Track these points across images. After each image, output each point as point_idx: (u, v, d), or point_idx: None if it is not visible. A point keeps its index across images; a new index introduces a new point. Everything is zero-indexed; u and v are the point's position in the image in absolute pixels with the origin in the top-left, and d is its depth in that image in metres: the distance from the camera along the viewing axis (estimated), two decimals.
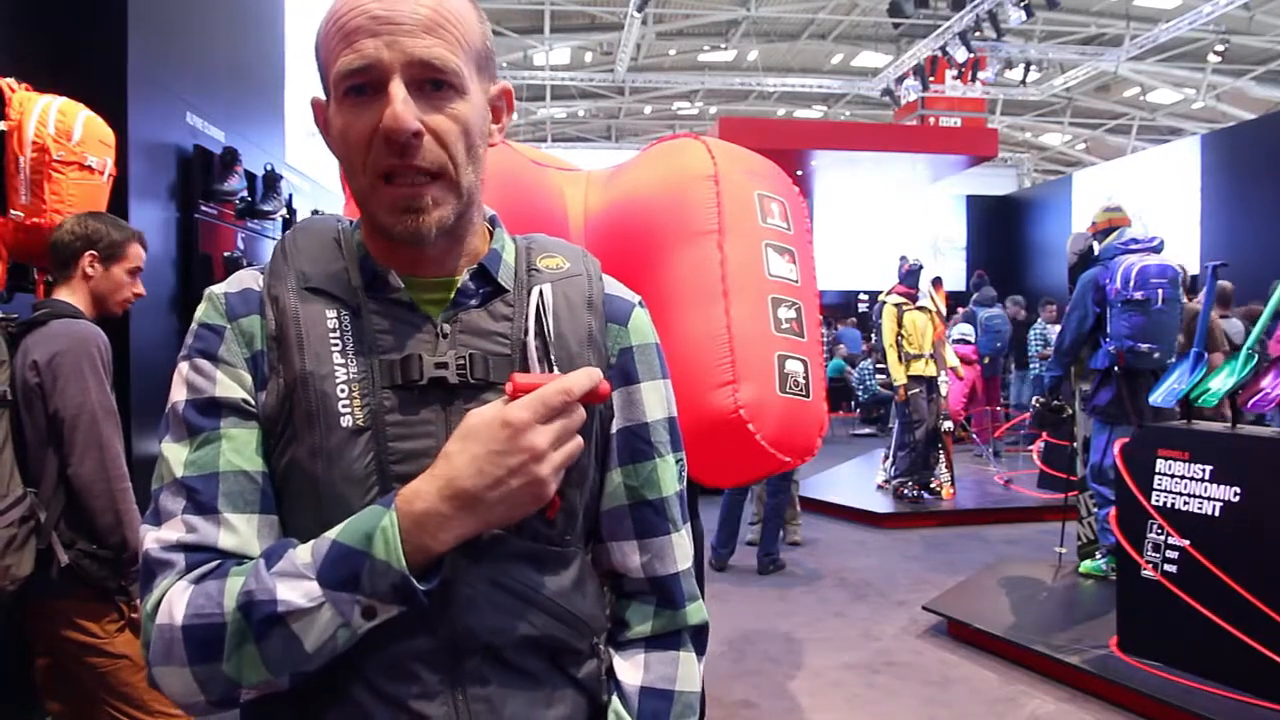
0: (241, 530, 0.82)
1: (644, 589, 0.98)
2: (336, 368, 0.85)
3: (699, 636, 1.01)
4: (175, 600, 0.78)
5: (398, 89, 0.82)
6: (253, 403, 0.86)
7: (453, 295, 0.91)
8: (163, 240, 3.70)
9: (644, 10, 13.22)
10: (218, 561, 0.81)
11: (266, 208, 4.50)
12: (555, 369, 0.88)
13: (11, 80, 2.60)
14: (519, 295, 0.92)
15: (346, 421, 0.84)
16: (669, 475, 0.99)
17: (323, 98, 0.90)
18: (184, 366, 0.88)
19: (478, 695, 0.86)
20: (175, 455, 0.84)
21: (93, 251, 2.35)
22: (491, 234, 0.97)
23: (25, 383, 2.15)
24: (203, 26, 4.26)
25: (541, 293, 0.91)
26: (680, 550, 0.99)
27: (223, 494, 0.82)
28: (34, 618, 2.27)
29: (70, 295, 2.34)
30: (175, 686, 0.78)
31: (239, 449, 0.84)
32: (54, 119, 2.60)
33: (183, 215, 3.97)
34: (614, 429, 0.97)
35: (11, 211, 2.60)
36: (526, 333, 0.90)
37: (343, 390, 0.85)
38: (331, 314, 0.87)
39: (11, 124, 2.57)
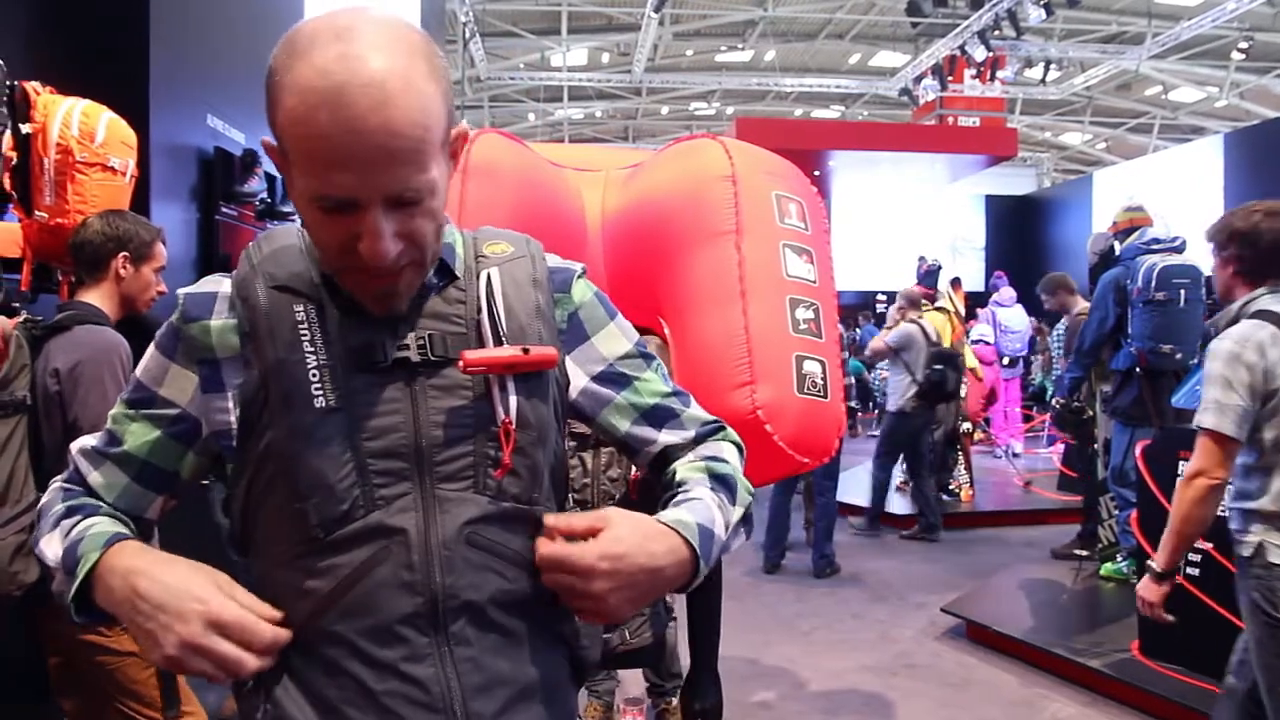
0: (106, 481, 1.00)
1: (690, 442, 1.11)
2: (307, 355, 0.91)
3: (741, 453, 1.14)
4: (48, 491, 1.02)
5: (378, 220, 0.84)
6: (178, 409, 0.97)
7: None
8: (184, 241, 3.74)
9: (661, 11, 13.22)
10: (81, 489, 1.01)
11: (286, 209, 4.53)
12: (505, 342, 0.96)
13: (36, 84, 2.63)
14: (469, 280, 1.00)
15: (320, 403, 0.90)
16: (657, 383, 1.11)
17: (273, 141, 0.89)
18: (151, 350, 1.00)
19: (464, 655, 0.91)
20: (115, 408, 1.02)
21: (125, 253, 2.36)
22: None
23: (45, 389, 2.15)
24: (223, 30, 4.30)
25: (489, 276, 1.00)
26: (697, 417, 1.13)
27: (112, 453, 1.00)
28: (45, 618, 2.28)
29: (99, 297, 2.35)
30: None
31: (136, 434, 0.99)
32: (77, 121, 2.63)
33: (203, 216, 4.01)
34: (595, 375, 1.07)
35: (36, 213, 2.63)
36: (480, 311, 0.98)
37: (314, 375, 0.91)
38: (299, 308, 0.93)
39: (36, 126, 2.60)
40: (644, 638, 2.02)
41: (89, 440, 1.03)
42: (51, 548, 0.94)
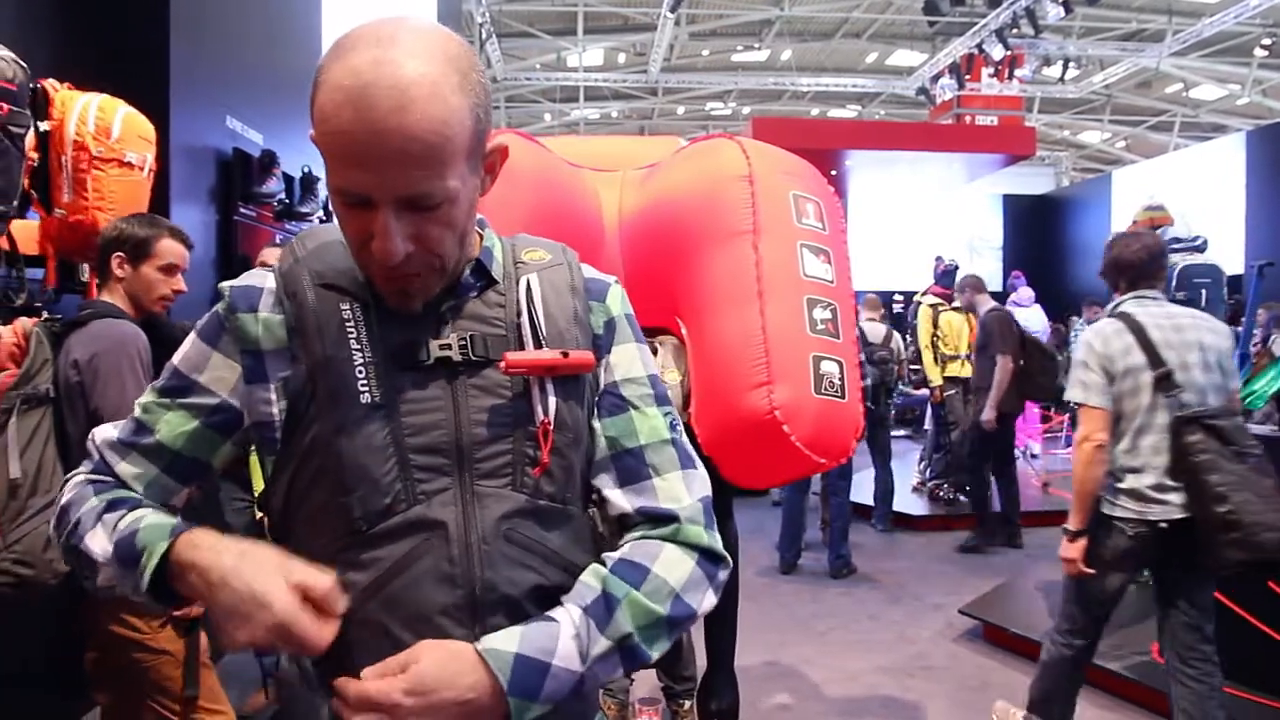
0: (136, 471, 1.01)
1: (641, 521, 1.02)
2: (354, 352, 0.94)
3: (706, 556, 1.01)
4: (70, 484, 1.03)
5: (388, 220, 0.87)
6: (219, 398, 0.99)
7: (455, 288, 1.00)
8: (203, 241, 3.77)
9: (677, 11, 13.21)
10: (112, 477, 1.01)
11: (304, 209, 4.56)
12: (545, 345, 0.99)
13: (54, 81, 2.65)
14: (509, 285, 1.03)
15: (366, 399, 0.93)
16: (647, 426, 1.05)
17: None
18: (191, 338, 1.02)
19: None
20: (145, 397, 1.03)
21: (119, 253, 2.35)
22: (481, 235, 1.05)
23: (67, 381, 2.18)
24: (242, 31, 4.32)
25: (529, 281, 1.02)
26: (666, 494, 1.02)
27: (142, 444, 1.01)
28: (82, 610, 2.31)
29: (111, 297, 2.38)
30: (54, 536, 1.02)
31: (171, 424, 1.00)
32: (93, 116, 2.64)
33: (222, 217, 4.04)
34: (605, 385, 1.06)
35: (56, 210, 2.65)
36: (519, 314, 1.00)
37: (360, 371, 0.94)
38: (345, 306, 0.96)
39: (54, 123, 2.61)
40: None
41: (111, 431, 1.03)
42: (98, 543, 0.94)
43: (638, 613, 0.93)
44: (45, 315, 2.29)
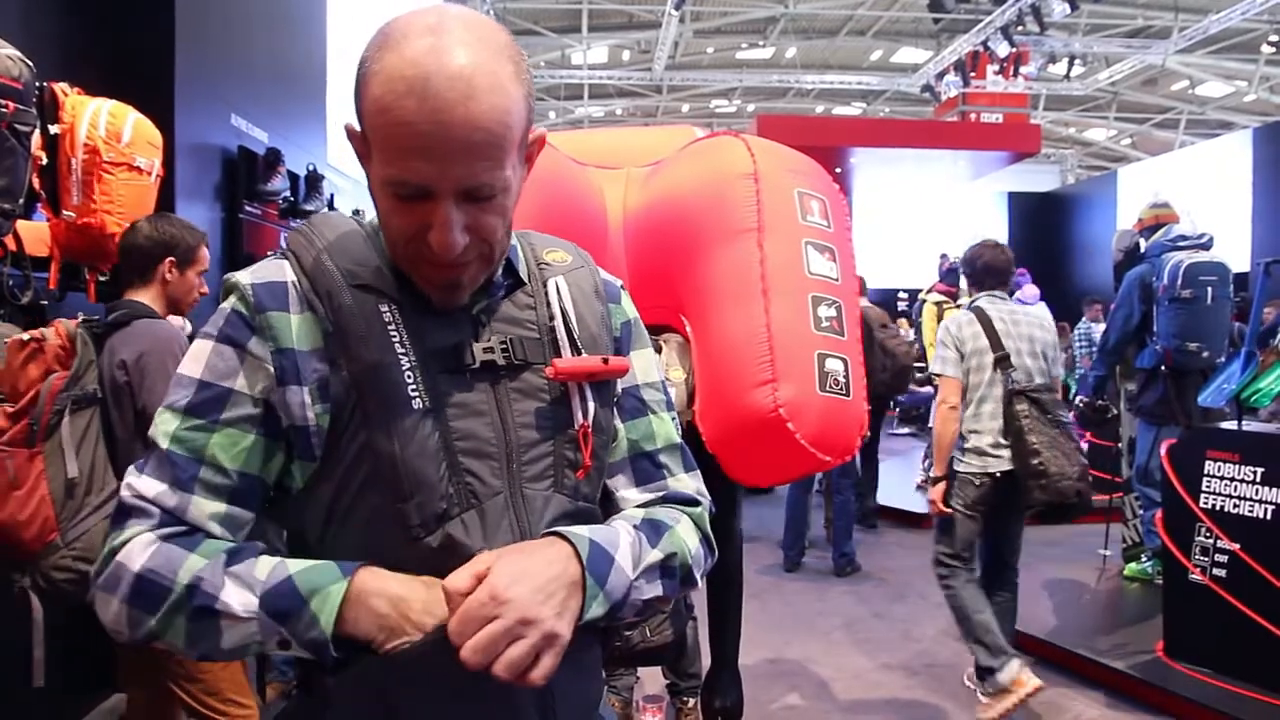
0: (207, 510, 0.90)
1: (659, 502, 1.09)
2: (400, 356, 0.91)
3: (705, 543, 1.08)
4: (138, 548, 0.86)
5: (449, 212, 0.86)
6: (259, 402, 0.91)
7: (487, 287, 0.99)
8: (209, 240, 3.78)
9: (681, 8, 13.21)
10: (187, 529, 0.89)
11: (309, 207, 4.56)
12: (581, 350, 1.00)
13: (64, 85, 2.66)
14: (535, 286, 1.03)
15: (418, 404, 0.91)
16: (663, 430, 1.10)
17: (356, 126, 0.91)
18: (208, 344, 0.93)
19: None
20: (168, 423, 0.91)
21: (172, 258, 2.42)
22: None
23: (114, 381, 2.23)
24: (247, 30, 4.33)
25: (558, 285, 1.03)
26: (681, 489, 1.10)
27: (200, 478, 0.89)
28: None
29: (148, 298, 2.41)
30: (107, 613, 0.87)
31: (225, 446, 0.90)
32: (104, 121, 2.66)
33: (227, 215, 4.05)
34: (624, 388, 1.08)
35: (63, 212, 2.66)
36: (551, 318, 1.01)
37: (409, 377, 0.91)
38: (384, 308, 0.93)
39: (64, 127, 2.63)
40: (664, 635, 2.01)
41: (147, 481, 0.90)
42: (237, 598, 0.84)
43: (678, 543, 1.01)
44: (83, 317, 2.32)
